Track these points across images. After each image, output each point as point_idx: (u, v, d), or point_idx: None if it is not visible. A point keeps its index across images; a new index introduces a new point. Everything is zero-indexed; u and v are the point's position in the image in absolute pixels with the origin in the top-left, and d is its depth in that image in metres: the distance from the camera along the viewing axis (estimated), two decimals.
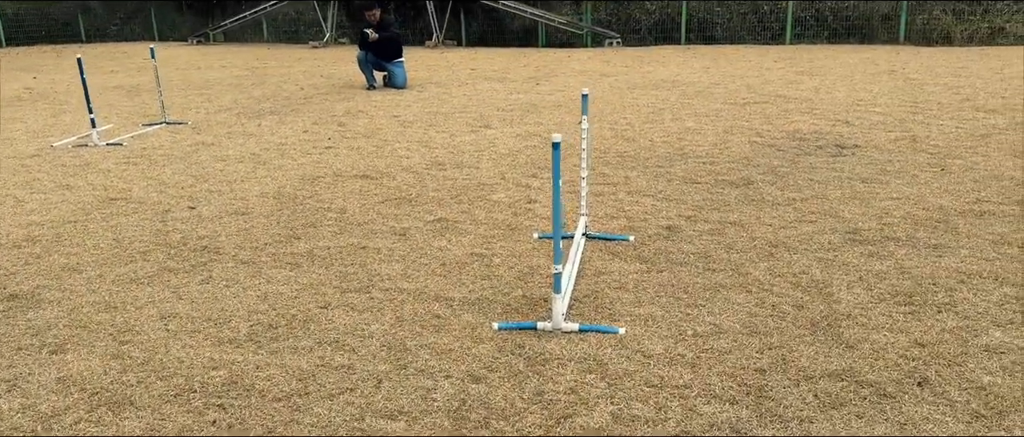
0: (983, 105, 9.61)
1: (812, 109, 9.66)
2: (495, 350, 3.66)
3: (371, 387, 3.36)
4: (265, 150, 8.16)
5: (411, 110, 10.56)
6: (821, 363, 3.46)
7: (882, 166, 6.76)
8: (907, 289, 4.20)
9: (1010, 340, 3.61)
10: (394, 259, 4.86)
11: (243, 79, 14.72)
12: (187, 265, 4.84)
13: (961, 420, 3.01)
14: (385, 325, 3.94)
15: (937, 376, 3.32)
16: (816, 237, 5.03)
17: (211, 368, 3.54)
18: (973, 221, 5.27)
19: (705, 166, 6.98)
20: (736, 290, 4.27)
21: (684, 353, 3.59)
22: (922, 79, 12.08)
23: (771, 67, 14.31)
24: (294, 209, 5.97)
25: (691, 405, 3.17)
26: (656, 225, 5.39)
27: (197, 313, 4.13)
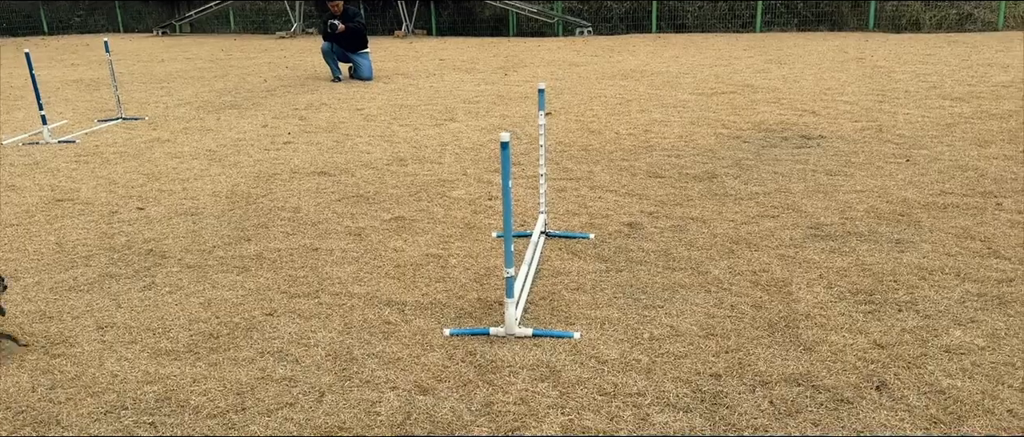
0: (949, 93, 9.60)
1: (779, 99, 9.60)
2: (445, 358, 3.54)
3: (313, 401, 3.21)
4: (222, 146, 7.95)
5: (375, 103, 10.38)
6: (778, 367, 3.36)
7: (847, 157, 6.70)
8: (868, 287, 4.12)
9: (970, 340, 3.54)
10: (347, 261, 4.71)
11: (206, 71, 14.44)
12: (130, 270, 4.66)
13: (919, 426, 2.92)
14: (332, 333, 3.80)
15: (896, 379, 3.24)
16: (778, 233, 4.94)
17: (145, 382, 3.39)
18: (936, 214, 5.20)
19: (670, 159, 6.88)
20: (695, 290, 4.16)
21: (639, 358, 3.49)
22: (890, 67, 12.07)
23: (740, 56, 14.26)
24: (246, 209, 5.79)
25: (644, 414, 3.06)
26: (618, 222, 5.28)
27: (136, 322, 3.97)
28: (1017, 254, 4.49)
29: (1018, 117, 8.04)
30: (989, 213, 5.19)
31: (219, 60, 16.41)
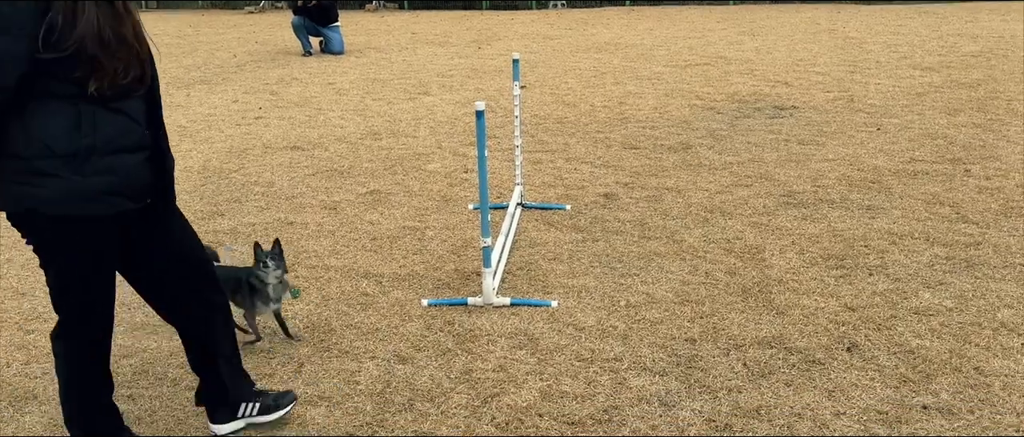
0: (920, 63, 9.70)
1: (752, 70, 9.65)
2: (423, 328, 3.55)
3: (291, 372, 3.22)
4: (192, 122, 7.87)
5: (347, 77, 10.30)
6: (751, 331, 3.42)
7: (819, 127, 6.77)
8: (839, 252, 4.18)
9: (938, 302, 3.61)
10: (322, 235, 4.70)
11: (174, 47, 14.23)
12: None
13: (889, 385, 2.99)
14: (310, 305, 3.80)
15: (866, 340, 3.30)
16: (751, 201, 4.99)
17: (122, 357, 3.37)
18: (906, 181, 5.28)
19: (645, 131, 6.91)
20: (670, 258, 4.21)
21: (616, 325, 3.52)
22: (861, 37, 12.16)
23: (714, 28, 14.30)
24: (219, 184, 5.75)
25: (621, 378, 3.10)
26: (593, 193, 5.30)
27: None
28: (984, 218, 4.58)
29: (986, 86, 8.15)
30: (958, 179, 5.28)
31: (187, 36, 16.18)
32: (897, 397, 2.91)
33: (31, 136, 2.18)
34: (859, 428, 2.74)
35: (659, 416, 2.86)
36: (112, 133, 2.25)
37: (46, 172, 2.19)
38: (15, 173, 2.22)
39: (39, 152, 2.18)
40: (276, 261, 3.25)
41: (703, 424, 2.80)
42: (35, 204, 2.23)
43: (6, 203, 2.29)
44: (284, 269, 3.29)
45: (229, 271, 3.36)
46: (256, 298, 3.29)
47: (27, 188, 2.21)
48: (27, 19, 2.07)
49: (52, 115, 2.19)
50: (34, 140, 2.18)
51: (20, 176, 2.21)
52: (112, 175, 2.26)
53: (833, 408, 2.85)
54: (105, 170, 2.24)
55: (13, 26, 2.07)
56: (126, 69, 2.21)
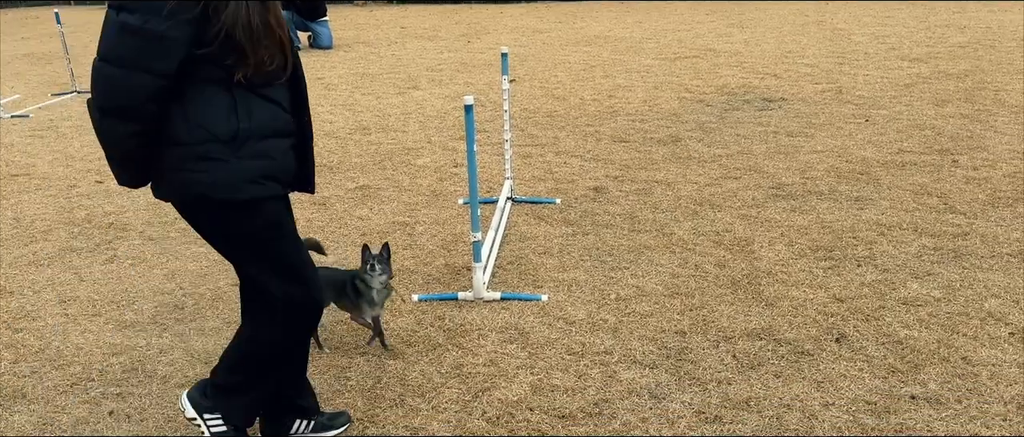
0: (908, 54, 9.73)
1: (741, 62, 9.66)
2: (414, 323, 3.55)
3: None
4: None
5: (336, 72, 10.26)
6: (741, 322, 3.43)
7: (808, 119, 6.78)
8: (828, 243, 4.20)
9: (926, 292, 3.63)
10: (312, 230, 4.69)
11: None
12: (91, 244, 4.60)
13: (877, 375, 3.00)
14: None
15: (855, 331, 3.32)
16: (740, 193, 5.00)
17: (111, 354, 3.36)
18: (895, 172, 5.30)
19: (634, 124, 6.91)
20: (660, 251, 4.21)
21: (606, 318, 3.53)
22: (849, 29, 12.19)
23: (702, 20, 14.30)
24: None
25: (611, 372, 3.11)
26: (583, 186, 5.31)
27: (99, 295, 3.92)
28: (972, 209, 4.60)
29: (974, 76, 8.19)
30: (945, 170, 5.30)
31: None
32: (886, 387, 2.92)
33: (192, 122, 2.18)
34: (848, 419, 2.75)
35: (649, 409, 2.86)
36: (265, 118, 2.26)
37: (210, 157, 2.19)
38: (179, 160, 2.21)
39: (202, 137, 2.18)
40: (383, 265, 3.16)
41: (693, 416, 2.81)
42: (203, 190, 2.22)
43: (173, 191, 2.27)
44: (390, 274, 3.20)
45: (334, 273, 3.31)
46: (361, 301, 3.20)
47: (193, 174, 2.21)
48: (190, 7, 2.06)
49: (210, 100, 2.19)
50: (196, 126, 2.18)
51: (185, 163, 2.20)
52: (267, 159, 2.27)
53: (822, 399, 2.87)
54: (260, 154, 2.25)
55: (177, 12, 2.05)
56: (271, 57, 2.21)
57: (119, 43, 2.07)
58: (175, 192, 2.28)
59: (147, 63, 2.06)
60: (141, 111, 2.12)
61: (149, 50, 2.06)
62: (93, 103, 2.17)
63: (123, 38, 2.06)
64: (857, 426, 2.72)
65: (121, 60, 2.07)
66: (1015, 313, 3.42)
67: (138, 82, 2.08)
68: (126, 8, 2.05)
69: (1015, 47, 9.84)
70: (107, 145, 2.23)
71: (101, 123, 2.17)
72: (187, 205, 2.31)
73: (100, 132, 2.20)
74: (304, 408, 2.74)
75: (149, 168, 2.28)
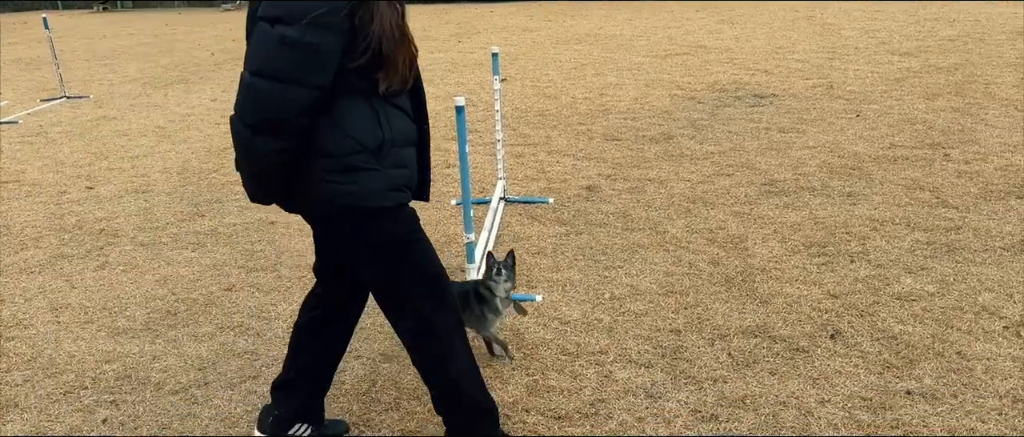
0: (898, 48, 9.75)
1: (732, 59, 9.67)
2: None
3: (276, 373, 3.19)
4: (170, 122, 7.79)
5: None
6: (735, 320, 3.43)
7: (799, 114, 6.79)
8: (821, 239, 4.20)
9: (920, 287, 3.64)
10: (305, 234, 4.67)
11: (151, 46, 14.11)
12: (82, 251, 4.57)
13: (872, 371, 3.00)
14: (293, 305, 3.77)
15: (849, 327, 3.32)
16: (733, 190, 5.01)
17: (104, 361, 3.34)
18: (886, 167, 5.31)
19: (626, 122, 6.91)
20: (654, 249, 4.21)
21: (601, 318, 3.52)
22: (839, 24, 12.22)
23: (692, 17, 14.32)
24: (199, 184, 5.70)
25: (607, 371, 3.10)
26: (576, 185, 5.30)
27: (91, 302, 3.90)
28: (964, 202, 4.61)
29: (964, 70, 8.21)
30: (937, 164, 5.31)
31: (164, 35, 16.03)
32: (881, 383, 2.92)
33: (340, 134, 2.17)
34: (844, 415, 2.75)
35: (645, 408, 2.86)
36: (401, 127, 2.27)
37: (359, 167, 2.19)
38: (328, 172, 2.19)
39: (351, 148, 2.18)
40: (508, 272, 3.07)
41: (689, 415, 2.80)
42: (353, 201, 2.21)
43: (316, 203, 2.25)
44: (513, 282, 3.12)
45: (457, 286, 3.12)
46: (485, 309, 3.10)
47: (341, 185, 2.19)
48: (344, 17, 2.05)
49: (356, 112, 2.18)
50: (344, 137, 2.17)
51: (334, 175, 2.19)
52: (405, 167, 2.29)
53: (818, 396, 2.87)
54: (400, 163, 2.27)
55: (332, 25, 2.04)
56: (408, 65, 2.23)
57: (277, 57, 2.03)
58: (319, 204, 2.24)
59: (304, 76, 2.04)
60: (293, 125, 2.09)
61: (306, 63, 2.04)
62: (241, 120, 2.12)
63: (281, 51, 2.03)
64: (853, 423, 2.72)
65: (277, 74, 2.04)
66: (1008, 306, 3.42)
67: (293, 96, 2.05)
68: (283, 21, 2.03)
69: (1004, 40, 9.88)
70: (253, 162, 2.17)
71: (251, 141, 2.11)
72: (332, 217, 2.28)
73: (248, 150, 2.15)
74: (314, 411, 2.73)
75: (289, 184, 2.22)
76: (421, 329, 2.46)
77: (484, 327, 3.16)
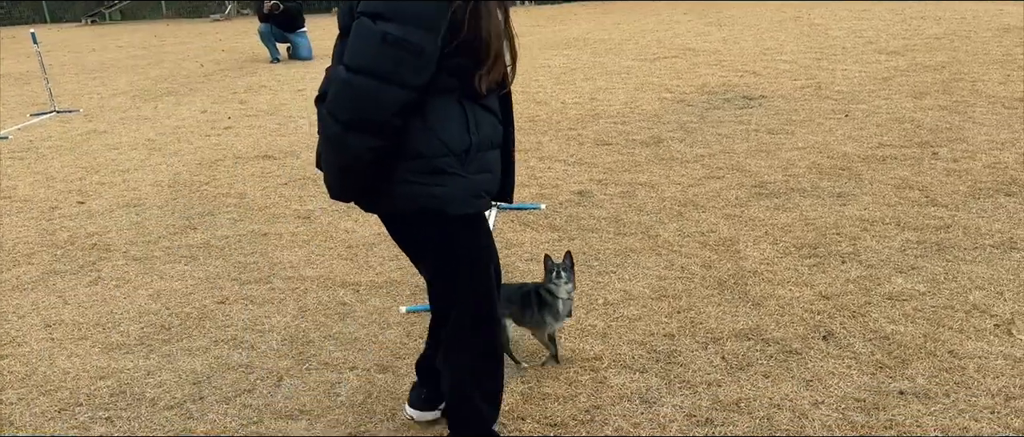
0: (885, 47, 9.81)
1: (720, 61, 9.71)
2: (403, 335, 3.54)
3: (271, 386, 3.20)
4: (161, 135, 7.78)
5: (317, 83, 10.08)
6: (728, 323, 3.44)
7: (788, 116, 6.82)
8: (812, 241, 4.22)
9: (912, 286, 3.66)
10: (297, 244, 4.67)
11: (140, 59, 14.08)
12: (75, 266, 4.56)
13: (865, 372, 3.02)
14: (287, 317, 3.78)
15: (842, 328, 3.34)
16: (723, 193, 5.03)
17: (98, 378, 3.33)
18: (876, 166, 5.34)
19: (616, 126, 6.93)
20: (646, 253, 4.23)
21: (595, 323, 3.54)
22: (826, 24, 12.28)
23: (681, 20, 14.37)
24: (190, 197, 5.69)
25: (602, 377, 3.12)
26: (568, 191, 5.32)
27: (84, 318, 3.89)
28: (953, 201, 4.64)
29: (951, 68, 8.26)
30: (926, 163, 5.34)
31: (153, 47, 16.01)
32: (874, 384, 2.94)
33: (432, 135, 2.15)
34: (838, 417, 2.77)
35: (640, 414, 2.87)
36: (488, 130, 2.27)
37: (446, 171, 2.18)
38: (413, 173, 2.18)
39: (440, 151, 2.16)
40: (568, 274, 3.04)
41: (684, 419, 2.82)
42: (437, 205, 2.20)
43: (397, 204, 2.23)
44: (574, 284, 3.09)
45: (516, 287, 3.19)
46: (545, 313, 3.07)
47: (427, 188, 2.18)
48: (442, 18, 2.03)
49: (447, 113, 2.17)
50: (435, 139, 2.16)
51: (420, 176, 2.18)
52: (488, 172, 2.29)
53: (811, 398, 2.88)
54: (484, 167, 2.26)
55: (436, 25, 2.02)
56: (508, 66, 2.23)
57: (378, 54, 2.01)
58: (400, 205, 2.23)
59: (403, 76, 2.02)
60: (387, 125, 2.08)
61: (407, 63, 2.01)
62: (333, 116, 2.09)
63: (382, 49, 2.00)
64: (847, 424, 2.73)
65: (377, 72, 2.02)
66: (999, 304, 3.45)
67: (391, 95, 2.04)
68: (384, 17, 2.00)
69: (990, 37, 9.94)
70: (343, 159, 2.15)
71: (343, 137, 2.10)
72: (410, 218, 2.28)
73: (339, 146, 2.13)
74: None
75: (376, 181, 2.20)
76: (454, 340, 2.51)
77: (542, 329, 3.15)
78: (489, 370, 2.57)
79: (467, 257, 2.37)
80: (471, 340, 2.49)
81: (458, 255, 2.36)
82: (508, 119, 2.41)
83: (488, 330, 2.51)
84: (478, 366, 2.54)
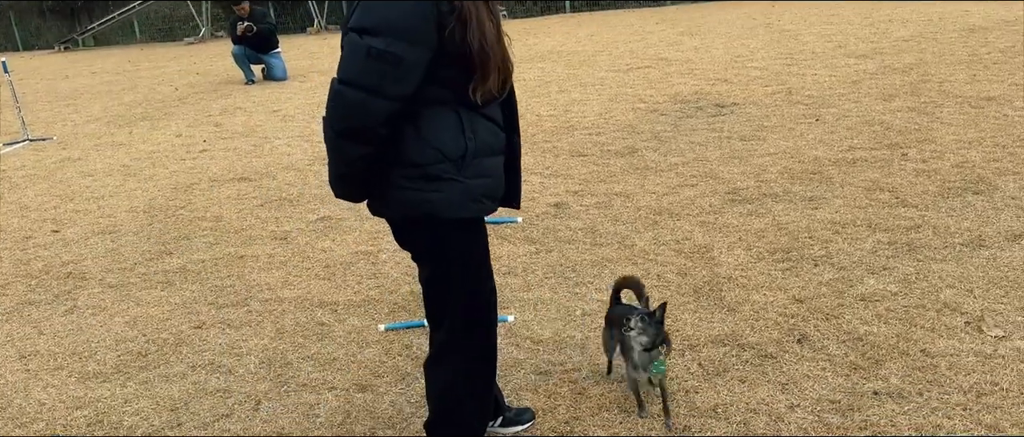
0: (854, 51, 9.93)
1: (692, 70, 9.80)
2: (382, 354, 3.55)
3: (249, 410, 3.19)
4: (136, 160, 7.74)
5: (292, 103, 10.22)
6: (704, 330, 3.47)
7: (760, 122, 6.90)
8: (785, 245, 4.27)
9: (883, 287, 3.71)
10: (274, 266, 4.66)
11: (114, 84, 14.01)
12: (50, 295, 4.53)
13: (840, 373, 3.06)
14: (265, 340, 3.77)
15: (816, 331, 3.38)
16: (698, 201, 5.07)
17: (75, 408, 3.31)
18: (846, 169, 5.41)
19: (591, 137, 6.97)
20: (622, 263, 4.25)
21: (573, 335, 3.55)
22: (796, 29, 12.42)
23: (653, 30, 14.48)
24: (166, 222, 5.67)
25: (580, 389, 3.13)
26: (544, 203, 5.34)
27: (60, 348, 3.86)
28: (923, 201, 4.71)
29: (918, 70, 8.38)
30: (895, 164, 5.42)
31: (127, 72, 15.92)
32: (848, 385, 2.98)
33: (424, 142, 2.23)
34: (813, 419, 2.80)
35: (619, 423, 2.89)
36: (486, 137, 2.31)
37: (440, 176, 2.25)
38: (407, 180, 2.26)
39: (433, 158, 2.24)
40: (644, 326, 2.72)
41: (662, 427, 2.83)
42: (432, 209, 2.28)
43: (396, 209, 2.33)
44: (656, 340, 2.73)
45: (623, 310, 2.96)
46: (628, 354, 2.81)
47: (421, 193, 2.26)
48: (432, 31, 2.10)
49: (440, 120, 2.24)
50: (427, 146, 2.23)
51: (415, 182, 2.26)
52: (487, 178, 2.33)
53: (787, 401, 2.91)
54: (482, 173, 2.31)
55: (422, 39, 2.10)
56: (503, 73, 2.27)
57: (364, 67, 2.10)
58: (398, 210, 2.33)
59: (386, 88, 2.11)
60: (374, 134, 2.17)
61: (389, 75, 2.10)
62: (330, 125, 2.21)
63: (368, 63, 2.09)
64: (823, 426, 2.76)
65: (363, 84, 2.11)
66: (969, 302, 3.50)
67: (377, 106, 2.12)
68: (369, 32, 2.09)
69: (956, 38, 10.10)
70: (340, 165, 2.28)
71: (337, 144, 2.22)
72: (409, 223, 2.37)
73: (335, 153, 2.25)
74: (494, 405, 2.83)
75: (372, 186, 2.33)
76: (447, 343, 2.56)
77: (627, 372, 2.90)
78: (482, 374, 2.63)
79: (460, 260, 2.42)
80: (464, 343, 2.54)
81: (450, 258, 2.41)
82: (512, 125, 2.46)
83: (482, 333, 2.57)
84: (472, 369, 2.59)
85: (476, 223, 2.42)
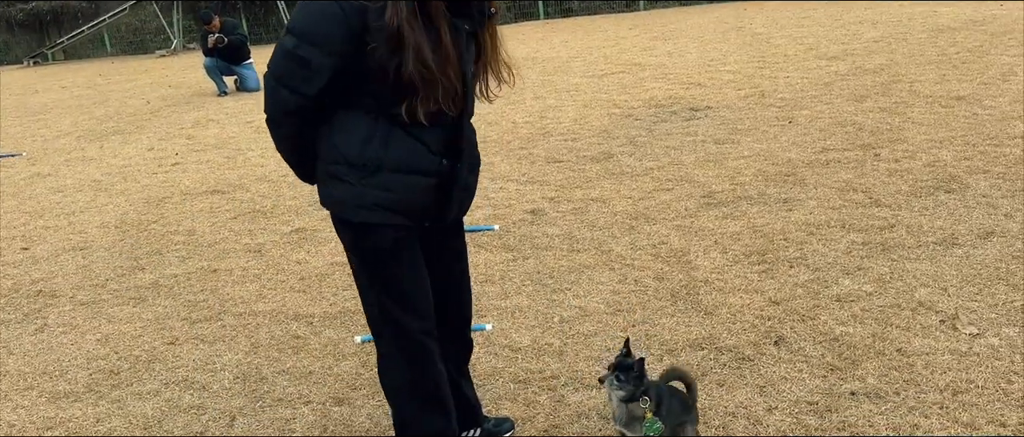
0: (825, 53, 10.02)
1: (666, 74, 9.84)
2: (358, 366, 3.51)
3: (223, 427, 3.14)
4: (107, 175, 7.64)
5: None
6: (682, 333, 3.47)
7: (733, 125, 6.93)
8: (760, 247, 4.28)
9: (858, 287, 3.73)
10: (248, 280, 4.61)
11: (85, 98, 13.85)
12: (19, 315, 4.45)
13: (817, 375, 3.06)
14: (239, 354, 3.72)
15: (792, 333, 3.39)
16: (673, 205, 5.08)
17: (46, 429, 3.24)
18: (819, 171, 5.45)
19: (567, 143, 6.97)
20: (600, 269, 4.25)
21: (551, 342, 3.54)
22: (768, 33, 12.52)
23: (626, 35, 14.55)
24: (138, 237, 5.59)
25: (559, 396, 3.12)
26: (521, 210, 5.33)
27: (30, 368, 3.79)
28: (896, 201, 4.74)
29: (889, 70, 8.47)
30: (868, 164, 5.46)
31: (98, 86, 15.75)
32: (826, 386, 2.98)
33: (329, 142, 2.35)
34: (792, 421, 2.80)
35: (598, 430, 2.87)
36: (400, 154, 2.33)
37: (338, 177, 2.35)
38: (321, 173, 2.41)
39: (334, 158, 2.34)
40: (621, 383, 2.51)
41: None
42: (330, 205, 2.41)
43: (322, 200, 2.43)
44: (632, 395, 2.50)
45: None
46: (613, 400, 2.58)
47: (326, 188, 2.40)
48: (343, 42, 2.19)
49: (351, 125, 2.32)
50: (331, 146, 2.35)
51: (324, 177, 2.40)
52: (388, 192, 2.33)
53: (765, 404, 2.91)
54: (383, 186, 2.33)
55: (326, 43, 2.20)
56: (445, 95, 2.25)
57: (279, 62, 2.28)
58: (322, 202, 2.44)
59: (294, 83, 2.26)
60: (284, 122, 2.35)
61: (297, 73, 2.25)
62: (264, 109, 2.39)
63: (283, 59, 2.27)
64: (801, 427, 2.76)
65: (278, 77, 2.28)
66: (943, 301, 3.53)
67: (283, 97, 2.29)
68: (291, 32, 2.25)
69: (925, 38, 10.22)
70: (275, 144, 2.44)
71: (268, 124, 2.39)
72: (331, 216, 2.47)
73: (270, 134, 2.41)
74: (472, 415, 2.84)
75: (309, 175, 2.48)
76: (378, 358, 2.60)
77: None
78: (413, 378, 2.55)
79: (356, 261, 2.48)
80: (378, 341, 2.57)
81: (350, 257, 2.50)
82: (455, 152, 2.40)
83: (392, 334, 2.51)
84: (407, 376, 2.55)
85: (369, 228, 2.35)
